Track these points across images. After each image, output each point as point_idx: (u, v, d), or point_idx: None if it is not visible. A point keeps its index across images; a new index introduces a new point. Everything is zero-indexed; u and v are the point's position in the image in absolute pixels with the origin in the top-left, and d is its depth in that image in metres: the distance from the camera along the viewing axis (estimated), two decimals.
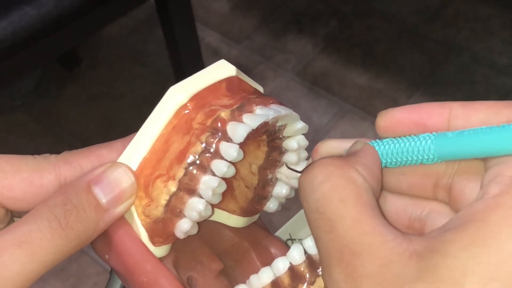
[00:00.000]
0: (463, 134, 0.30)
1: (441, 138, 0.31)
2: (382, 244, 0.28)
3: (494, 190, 0.28)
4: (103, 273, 1.42)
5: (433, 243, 0.28)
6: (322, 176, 0.31)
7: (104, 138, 0.39)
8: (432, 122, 0.32)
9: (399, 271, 0.28)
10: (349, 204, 0.30)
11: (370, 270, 0.28)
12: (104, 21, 1.29)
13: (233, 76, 0.37)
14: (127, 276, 0.36)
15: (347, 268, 0.29)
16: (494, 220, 0.27)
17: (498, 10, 1.72)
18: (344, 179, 0.30)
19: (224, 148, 0.35)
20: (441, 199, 0.33)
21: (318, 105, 1.61)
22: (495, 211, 0.27)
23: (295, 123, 0.38)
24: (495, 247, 0.27)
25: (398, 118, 0.33)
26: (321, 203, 0.30)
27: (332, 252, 0.29)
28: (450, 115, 0.32)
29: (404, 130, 0.33)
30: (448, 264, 0.27)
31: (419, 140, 0.32)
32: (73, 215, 0.34)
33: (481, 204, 0.28)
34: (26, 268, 0.33)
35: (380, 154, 0.33)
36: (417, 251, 0.28)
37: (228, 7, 1.80)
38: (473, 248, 0.27)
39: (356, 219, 0.29)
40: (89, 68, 1.73)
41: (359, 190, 0.30)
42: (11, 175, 0.36)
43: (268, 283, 0.36)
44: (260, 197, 0.40)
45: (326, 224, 0.30)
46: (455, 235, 0.28)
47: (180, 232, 0.36)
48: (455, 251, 0.27)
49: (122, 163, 0.36)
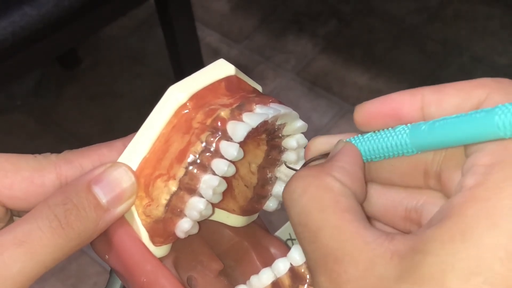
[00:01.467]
0: (434, 125, 0.30)
1: (415, 131, 0.31)
2: (363, 247, 0.28)
3: (470, 182, 0.28)
4: (103, 273, 1.42)
5: (415, 241, 0.28)
6: (300, 189, 0.31)
7: (104, 138, 0.39)
8: (405, 112, 0.32)
9: (381, 273, 0.28)
10: (327, 212, 0.30)
11: (353, 275, 0.28)
12: (104, 21, 1.29)
13: (232, 76, 0.37)
14: (127, 276, 0.36)
15: (331, 275, 0.29)
16: (470, 213, 0.27)
17: (498, 10, 1.72)
18: (321, 188, 0.31)
19: (224, 147, 0.35)
20: (433, 187, 0.33)
21: (318, 105, 1.61)
22: (472, 204, 0.27)
23: (294, 121, 0.38)
24: (473, 242, 0.26)
25: (373, 112, 0.33)
26: (303, 216, 0.30)
27: (317, 261, 0.30)
28: (423, 103, 0.31)
29: (380, 123, 0.33)
30: (428, 262, 0.27)
31: (396, 134, 0.32)
32: (73, 214, 0.34)
33: (458, 198, 0.28)
34: (26, 267, 0.33)
35: (362, 151, 0.33)
36: (399, 251, 0.28)
37: (228, 7, 1.80)
38: (452, 244, 0.27)
39: (335, 227, 0.29)
40: (89, 68, 1.73)
41: (336, 197, 0.30)
42: (12, 174, 0.36)
43: (269, 284, 0.36)
44: (259, 196, 0.40)
45: (309, 235, 0.30)
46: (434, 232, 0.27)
47: (180, 232, 0.36)
48: (435, 249, 0.27)
49: (122, 163, 0.36)
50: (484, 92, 0.30)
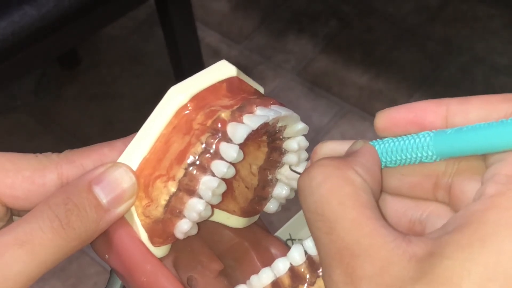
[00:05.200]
0: (461, 130, 0.30)
1: (439, 135, 0.31)
2: (381, 245, 0.28)
3: (491, 190, 0.28)
4: (103, 273, 1.42)
5: (432, 245, 0.28)
6: (321, 177, 0.31)
7: (104, 138, 0.39)
8: (429, 120, 0.32)
9: (398, 273, 0.28)
10: (347, 205, 0.30)
11: (369, 271, 0.28)
12: (104, 21, 1.29)
13: (233, 77, 0.37)
14: (127, 276, 0.36)
15: (346, 269, 0.29)
16: (491, 221, 0.27)
17: (498, 10, 1.72)
18: (343, 180, 0.30)
19: (224, 149, 0.35)
20: (441, 199, 0.33)
21: (318, 105, 1.61)
22: (492, 212, 0.27)
23: (296, 124, 0.38)
24: (493, 248, 0.27)
25: (396, 118, 0.33)
26: (320, 205, 0.30)
27: (331, 254, 0.29)
28: (448, 112, 0.32)
29: (402, 129, 0.33)
30: (445, 265, 0.27)
31: (418, 138, 0.32)
32: (74, 214, 0.34)
33: (479, 205, 0.28)
34: (27, 267, 0.33)
35: (379, 153, 0.33)
36: (416, 253, 0.28)
37: (228, 7, 1.80)
38: (471, 249, 0.27)
39: (355, 221, 0.29)
40: (89, 68, 1.73)
41: (357, 191, 0.30)
42: (13, 173, 0.36)
43: (269, 284, 0.36)
44: (260, 197, 0.40)
45: (325, 225, 0.30)
46: (453, 237, 0.28)
47: (179, 233, 0.36)
48: (453, 253, 0.27)
49: (123, 163, 0.36)
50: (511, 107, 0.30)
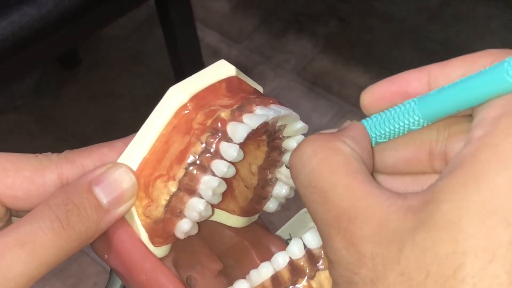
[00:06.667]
0: (443, 89, 0.30)
1: (423, 99, 0.31)
2: (377, 205, 0.29)
3: (478, 133, 0.28)
4: (103, 273, 1.42)
5: (427, 195, 0.28)
6: (310, 151, 0.31)
7: (104, 138, 0.39)
8: (413, 88, 0.32)
9: (396, 227, 0.28)
10: (339, 173, 0.30)
11: (368, 231, 0.28)
12: (104, 21, 1.29)
13: (233, 76, 0.37)
14: (126, 275, 0.36)
15: (345, 234, 0.29)
16: (482, 159, 0.27)
17: (498, 10, 1.72)
18: (332, 150, 0.31)
19: (224, 148, 0.35)
20: (439, 169, 0.33)
21: (318, 105, 1.61)
22: (482, 151, 0.27)
23: (295, 123, 0.38)
24: (487, 184, 0.27)
25: (379, 92, 0.33)
26: (312, 177, 0.30)
27: (329, 222, 0.29)
28: (430, 78, 0.32)
29: (387, 102, 0.33)
30: (443, 209, 0.27)
31: (403, 106, 0.32)
32: (74, 215, 0.34)
33: (468, 148, 0.28)
34: (28, 268, 0.33)
35: (368, 129, 0.33)
36: (412, 206, 0.28)
37: (228, 7, 1.80)
38: (465, 189, 0.27)
39: (348, 186, 0.29)
40: (89, 68, 1.73)
41: (348, 159, 0.30)
42: (13, 173, 0.36)
43: (268, 278, 0.36)
44: (259, 197, 0.40)
45: (320, 196, 0.30)
46: (446, 182, 0.28)
47: (180, 233, 0.36)
48: (448, 196, 0.27)
49: (123, 163, 0.36)
50: (489, 60, 0.30)
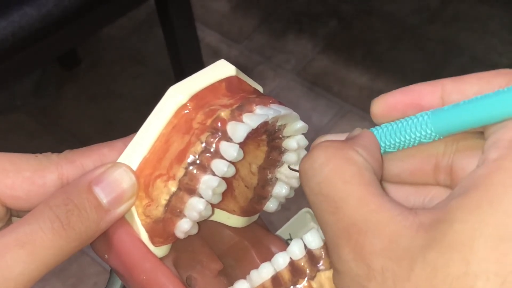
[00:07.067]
0: (459, 105, 0.30)
1: (437, 113, 0.31)
2: (389, 220, 0.28)
3: (494, 155, 0.28)
4: (103, 273, 1.42)
5: (439, 213, 0.28)
6: (323, 159, 0.31)
7: (104, 138, 0.39)
8: (426, 101, 0.32)
9: (407, 244, 0.28)
10: (352, 183, 0.30)
11: (379, 246, 0.28)
12: (104, 21, 1.29)
13: (232, 76, 0.37)
14: (126, 275, 0.36)
15: (355, 246, 0.29)
16: (497, 182, 0.27)
17: (498, 10, 1.72)
18: (345, 160, 0.30)
19: (224, 148, 0.35)
20: (443, 183, 0.33)
21: (318, 105, 1.61)
22: (497, 174, 0.27)
23: (295, 122, 0.38)
24: (502, 208, 0.26)
25: (392, 102, 0.33)
26: (324, 185, 0.30)
27: (339, 233, 0.29)
28: (443, 92, 0.32)
29: (399, 113, 0.33)
30: (455, 229, 0.27)
31: (416, 118, 0.32)
32: (74, 215, 0.34)
33: (483, 170, 0.28)
34: (28, 268, 0.33)
35: (378, 138, 0.33)
36: (424, 223, 0.28)
37: (228, 7, 1.80)
38: (480, 211, 0.27)
39: (361, 198, 0.29)
40: (89, 68, 1.73)
41: (360, 170, 0.30)
42: (14, 174, 0.36)
43: (268, 278, 0.36)
44: (260, 197, 0.40)
45: (330, 205, 0.30)
46: (460, 202, 0.27)
47: (180, 232, 0.36)
48: (462, 217, 0.27)
49: (123, 163, 0.36)
50: (504, 80, 0.30)
